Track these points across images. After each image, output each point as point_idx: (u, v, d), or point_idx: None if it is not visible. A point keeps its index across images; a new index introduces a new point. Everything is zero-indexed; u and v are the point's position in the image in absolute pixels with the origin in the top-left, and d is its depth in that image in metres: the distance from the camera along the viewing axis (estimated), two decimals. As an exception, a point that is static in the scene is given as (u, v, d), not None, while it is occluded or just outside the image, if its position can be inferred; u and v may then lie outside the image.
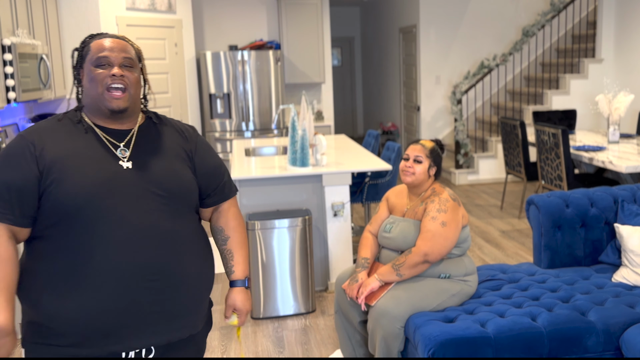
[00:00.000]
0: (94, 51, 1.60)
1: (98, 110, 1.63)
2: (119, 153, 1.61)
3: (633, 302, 2.67)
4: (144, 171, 1.60)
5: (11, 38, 4.12)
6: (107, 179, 1.55)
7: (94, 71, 1.59)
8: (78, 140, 1.60)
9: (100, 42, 1.61)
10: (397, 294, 2.66)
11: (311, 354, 3.35)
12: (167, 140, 1.71)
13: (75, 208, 1.51)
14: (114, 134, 1.64)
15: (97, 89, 1.60)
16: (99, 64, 1.60)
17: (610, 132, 5.47)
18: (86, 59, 1.62)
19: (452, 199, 2.76)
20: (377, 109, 11.16)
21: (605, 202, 3.21)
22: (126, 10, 5.94)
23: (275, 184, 4.03)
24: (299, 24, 7.19)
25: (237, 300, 1.79)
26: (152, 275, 1.55)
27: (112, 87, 1.59)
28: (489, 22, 8.67)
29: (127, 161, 1.60)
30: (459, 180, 7.73)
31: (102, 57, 1.59)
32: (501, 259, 4.81)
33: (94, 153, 1.58)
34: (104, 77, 1.59)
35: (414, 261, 2.66)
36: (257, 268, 3.76)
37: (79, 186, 1.52)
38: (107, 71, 1.59)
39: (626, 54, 7.44)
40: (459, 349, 2.40)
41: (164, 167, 1.64)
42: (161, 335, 1.59)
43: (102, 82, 1.59)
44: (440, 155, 2.91)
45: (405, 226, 2.78)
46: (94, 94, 1.61)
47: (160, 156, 1.66)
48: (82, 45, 1.65)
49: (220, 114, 6.87)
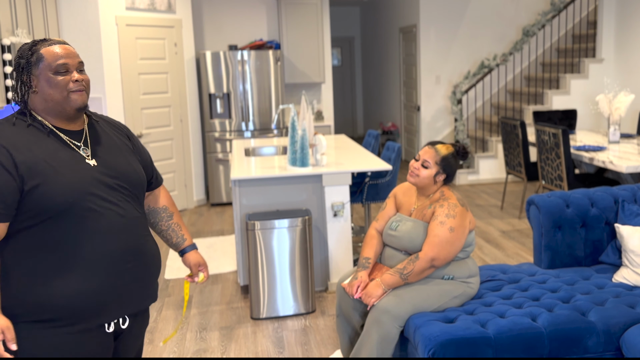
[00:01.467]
0: (50, 59, 1.74)
1: (59, 113, 1.77)
2: (82, 152, 1.79)
3: (633, 303, 2.67)
4: (107, 167, 1.81)
5: (11, 38, 4.11)
6: (83, 178, 1.74)
7: (56, 78, 1.74)
8: (46, 143, 1.74)
9: (54, 50, 1.75)
10: (400, 293, 2.66)
11: (311, 354, 3.35)
12: (113, 137, 1.91)
13: (62, 207, 1.69)
14: (71, 135, 1.80)
15: (61, 94, 1.75)
16: (59, 71, 1.74)
17: (610, 132, 5.47)
18: (40, 66, 1.74)
19: (461, 205, 2.74)
20: (377, 109, 11.16)
21: (605, 202, 3.21)
22: (126, 10, 5.93)
23: (275, 184, 4.02)
24: (299, 24, 7.19)
25: (199, 259, 2.12)
26: (129, 257, 1.81)
27: (74, 90, 1.76)
28: (489, 22, 8.66)
29: (91, 159, 1.80)
30: (459, 180, 7.72)
31: (61, 65, 1.74)
32: (501, 259, 4.80)
33: (64, 154, 1.75)
34: (67, 82, 1.75)
35: (421, 267, 2.66)
36: (257, 268, 3.76)
37: (63, 187, 1.69)
38: (68, 77, 1.75)
39: (626, 53, 7.43)
40: (459, 349, 2.40)
41: (122, 162, 1.86)
42: (135, 306, 1.87)
43: (66, 87, 1.75)
44: (452, 164, 2.79)
45: (412, 226, 2.76)
46: (58, 98, 1.75)
47: (115, 152, 1.87)
48: (30, 52, 1.75)
49: (220, 114, 6.87)
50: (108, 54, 5.79)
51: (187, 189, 6.77)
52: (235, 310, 3.95)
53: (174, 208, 2.12)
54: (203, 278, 2.10)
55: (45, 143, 1.74)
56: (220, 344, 3.49)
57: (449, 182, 2.85)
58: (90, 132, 1.85)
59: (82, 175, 1.74)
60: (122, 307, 1.83)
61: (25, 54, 1.76)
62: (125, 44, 5.95)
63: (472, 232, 2.81)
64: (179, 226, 2.10)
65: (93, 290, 1.74)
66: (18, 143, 1.70)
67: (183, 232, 2.11)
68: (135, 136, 2.04)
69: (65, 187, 1.69)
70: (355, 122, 12.42)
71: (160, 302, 4.12)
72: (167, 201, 2.12)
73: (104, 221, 1.75)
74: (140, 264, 1.85)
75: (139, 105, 6.15)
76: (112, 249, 1.77)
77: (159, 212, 2.11)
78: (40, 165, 1.69)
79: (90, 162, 1.78)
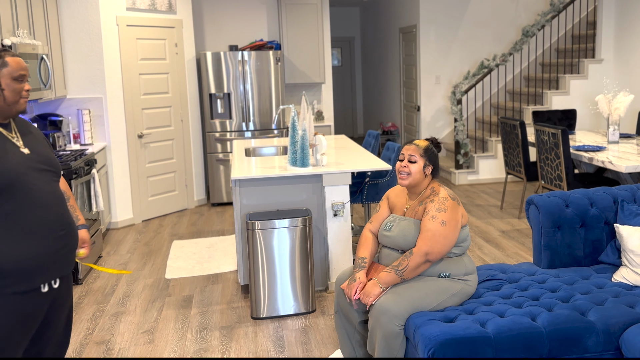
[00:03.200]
0: (15, 67, 2.14)
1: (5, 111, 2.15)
2: (16, 142, 2.17)
3: (633, 302, 2.68)
4: (37, 155, 2.21)
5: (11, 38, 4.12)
6: (20, 162, 2.12)
7: (15, 84, 2.15)
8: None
9: (17, 60, 2.16)
10: (398, 292, 2.67)
11: (311, 353, 3.35)
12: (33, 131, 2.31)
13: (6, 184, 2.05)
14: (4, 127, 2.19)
15: (14, 97, 2.16)
16: (20, 79, 2.16)
17: (610, 132, 5.48)
18: (3, 70, 2.12)
19: (452, 198, 2.76)
20: (377, 109, 11.16)
21: (605, 202, 3.22)
22: (126, 10, 5.94)
23: (275, 184, 4.03)
24: (299, 24, 7.20)
25: (86, 237, 2.50)
26: (62, 226, 2.21)
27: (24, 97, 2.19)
28: (489, 22, 8.67)
29: (24, 148, 2.19)
30: (459, 180, 7.73)
31: (22, 75, 2.16)
32: (501, 258, 4.81)
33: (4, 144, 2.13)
34: (21, 90, 2.17)
35: (416, 262, 2.67)
36: (257, 268, 3.77)
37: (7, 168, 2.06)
38: (23, 85, 2.18)
39: (626, 54, 7.44)
40: (459, 349, 2.41)
41: (46, 151, 2.26)
42: (65, 269, 2.26)
43: (20, 93, 2.17)
44: (435, 153, 2.88)
45: (406, 225, 2.78)
46: (12, 100, 2.15)
47: (39, 143, 2.27)
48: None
49: (220, 114, 6.88)
50: (109, 54, 5.80)
51: (188, 189, 6.78)
52: (236, 310, 3.96)
53: (70, 193, 2.53)
54: (83, 253, 2.47)
55: None
56: (220, 344, 3.50)
57: (437, 175, 2.88)
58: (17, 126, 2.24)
59: (19, 160, 2.12)
60: (56, 270, 2.20)
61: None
62: (126, 44, 5.95)
63: (466, 227, 2.82)
64: (74, 209, 2.51)
65: (36, 253, 2.11)
66: None
67: (77, 214, 2.50)
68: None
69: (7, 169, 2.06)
70: (355, 122, 12.42)
71: (161, 302, 4.13)
72: (65, 187, 2.50)
73: (41, 196, 2.14)
74: (68, 233, 2.24)
75: (139, 106, 6.16)
76: (49, 219, 2.15)
77: None
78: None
79: (24, 151, 2.17)
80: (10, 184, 2.06)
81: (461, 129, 7.49)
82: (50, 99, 4.97)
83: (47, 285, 2.18)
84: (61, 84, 5.44)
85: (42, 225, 2.13)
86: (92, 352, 3.44)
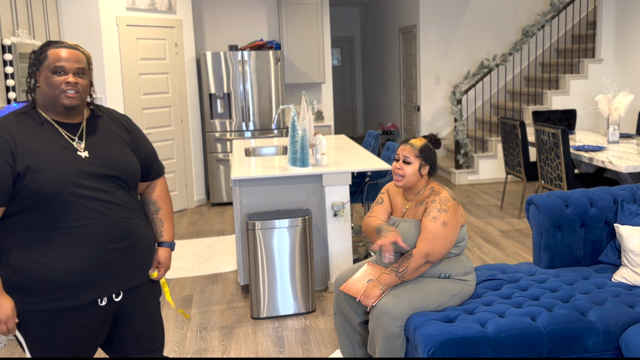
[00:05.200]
0: (52, 59, 1.92)
1: (53, 108, 1.96)
2: (75, 145, 1.96)
3: (633, 302, 2.68)
4: (98, 158, 1.98)
5: (11, 38, 4.12)
6: (70, 168, 1.91)
7: (52, 77, 1.92)
8: (43, 135, 1.93)
9: (58, 52, 1.93)
10: (399, 293, 2.66)
11: (311, 353, 3.35)
12: (112, 130, 2.08)
13: (50, 195, 1.86)
14: (68, 127, 1.98)
15: (54, 92, 1.92)
16: (56, 71, 1.92)
17: (610, 132, 5.48)
18: (44, 64, 1.93)
19: (452, 198, 2.75)
20: (377, 109, 11.16)
21: (605, 202, 3.21)
22: (126, 10, 5.94)
23: (275, 184, 4.03)
24: (299, 24, 7.20)
25: (162, 257, 2.22)
26: (116, 237, 1.97)
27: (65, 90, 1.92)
28: (489, 22, 8.67)
29: (84, 151, 1.97)
30: (459, 180, 7.73)
31: (58, 66, 1.91)
32: (501, 258, 4.81)
33: (57, 146, 1.93)
34: (60, 82, 1.92)
35: (416, 264, 2.65)
36: (257, 268, 3.77)
37: (50, 176, 1.87)
38: (62, 78, 1.92)
39: (626, 54, 7.44)
40: (459, 349, 2.41)
41: (115, 153, 2.03)
42: (125, 282, 2.04)
43: (59, 87, 1.92)
44: (432, 152, 2.81)
45: (405, 227, 2.76)
46: (51, 95, 1.93)
47: (109, 143, 2.04)
48: (40, 50, 1.95)
49: (220, 114, 6.88)
50: (109, 54, 5.80)
51: (188, 189, 6.77)
52: (236, 310, 3.96)
53: (163, 204, 2.25)
54: (155, 275, 2.21)
55: (40, 135, 1.92)
56: (220, 344, 3.50)
57: (434, 174, 2.84)
58: (89, 126, 2.03)
59: (70, 165, 1.91)
60: (111, 284, 1.99)
61: (38, 51, 1.94)
62: (126, 44, 5.95)
63: (464, 227, 2.80)
64: (161, 222, 2.24)
65: (80, 268, 1.91)
66: (16, 135, 1.88)
67: (163, 229, 2.24)
68: (137, 128, 2.18)
69: (52, 176, 1.87)
70: (355, 122, 12.42)
71: (161, 302, 4.13)
72: (159, 196, 2.24)
73: (90, 206, 1.92)
74: (129, 246, 2.01)
75: (139, 106, 6.16)
76: (97, 231, 1.93)
77: (149, 204, 2.25)
78: (33, 155, 1.87)
79: (82, 154, 1.96)
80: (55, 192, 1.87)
81: (461, 129, 7.49)
82: (50, 99, 4.98)
83: (106, 299, 2.00)
84: (61, 84, 5.44)
85: (89, 237, 1.92)
86: (92, 352, 3.44)
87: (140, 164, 2.13)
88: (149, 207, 2.25)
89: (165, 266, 2.23)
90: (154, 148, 2.24)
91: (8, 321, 1.87)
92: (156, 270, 2.22)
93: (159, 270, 2.22)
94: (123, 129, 2.12)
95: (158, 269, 2.22)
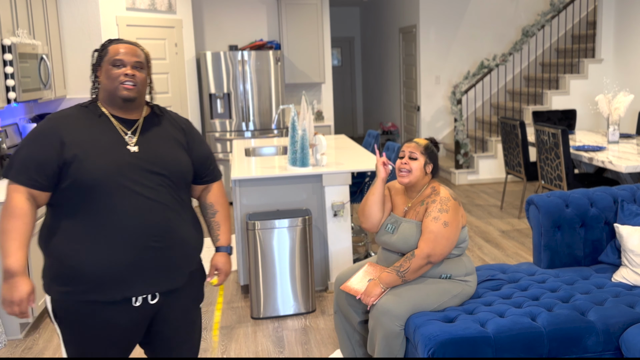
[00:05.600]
0: (112, 54, 1.99)
1: (112, 101, 2.00)
2: (127, 139, 1.98)
3: (633, 302, 2.68)
4: (147, 153, 1.98)
5: (11, 38, 4.12)
6: (118, 160, 1.93)
7: (111, 70, 1.98)
8: (96, 127, 1.97)
9: (117, 47, 2.00)
10: (399, 293, 2.66)
11: (311, 354, 3.35)
12: (167, 130, 2.09)
13: (93, 183, 1.88)
14: (124, 122, 2.02)
15: (113, 84, 1.97)
16: (115, 64, 1.98)
17: (610, 132, 5.48)
18: (104, 59, 2.00)
19: (453, 198, 2.74)
20: (377, 109, 11.16)
21: (605, 202, 3.21)
22: (126, 10, 5.94)
23: (275, 184, 4.03)
24: (299, 24, 7.20)
25: (219, 262, 2.20)
26: (155, 236, 1.94)
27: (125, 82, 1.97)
28: (489, 22, 8.67)
29: (134, 146, 1.98)
30: (459, 180, 7.73)
31: (117, 60, 1.98)
32: (501, 258, 4.81)
33: (107, 138, 1.96)
34: (119, 75, 1.97)
35: (417, 265, 2.65)
36: (257, 268, 3.77)
37: (98, 165, 1.89)
38: (121, 70, 1.97)
39: (626, 54, 7.44)
40: (459, 349, 2.41)
41: (165, 151, 2.02)
42: (162, 284, 1.99)
43: (117, 79, 1.97)
44: (435, 152, 2.84)
45: (407, 228, 2.74)
46: (111, 88, 1.98)
47: (162, 142, 2.04)
48: (102, 47, 2.03)
49: (220, 114, 6.88)
50: (108, 54, 5.80)
51: (187, 189, 6.77)
52: (236, 310, 3.96)
53: (220, 207, 2.22)
54: (214, 282, 2.17)
55: (95, 127, 1.97)
56: (220, 344, 3.49)
57: (437, 174, 2.84)
58: (145, 123, 2.05)
59: (118, 158, 1.93)
60: (146, 284, 1.95)
61: (100, 49, 2.03)
62: (126, 44, 5.95)
63: (465, 228, 2.79)
64: (218, 225, 2.22)
65: (116, 262, 1.90)
66: (71, 124, 1.94)
67: (219, 233, 2.21)
68: (196, 131, 2.20)
69: (97, 166, 1.89)
70: (355, 122, 12.42)
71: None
72: (216, 199, 2.22)
73: (132, 201, 1.91)
74: (168, 247, 1.97)
75: (139, 105, 6.15)
76: (136, 227, 1.91)
77: (206, 207, 2.25)
78: (82, 145, 1.91)
79: (132, 148, 1.97)
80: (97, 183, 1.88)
81: (461, 129, 7.49)
82: (50, 99, 4.97)
83: (141, 300, 1.97)
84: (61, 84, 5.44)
85: (126, 233, 1.90)
86: (92, 352, 3.44)
87: (195, 166, 2.12)
88: (206, 211, 2.24)
89: (224, 272, 2.20)
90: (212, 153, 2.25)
91: (21, 303, 1.85)
92: (215, 277, 2.18)
93: (219, 277, 2.19)
94: (179, 130, 2.12)
95: (217, 275, 2.18)
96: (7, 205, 1.88)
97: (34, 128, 1.97)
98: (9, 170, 1.92)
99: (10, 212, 1.86)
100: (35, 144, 1.91)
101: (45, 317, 3.89)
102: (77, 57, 5.71)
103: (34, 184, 1.89)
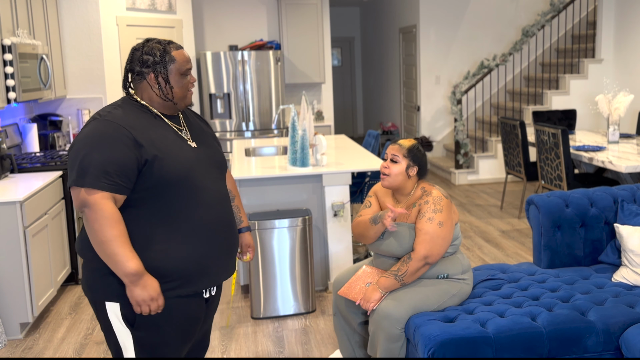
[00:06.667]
0: (181, 62, 2.00)
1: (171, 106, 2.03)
2: (184, 135, 2.04)
3: (633, 302, 2.68)
4: (205, 148, 2.07)
5: (11, 38, 4.12)
6: (190, 157, 1.99)
7: (184, 79, 2.02)
8: (157, 127, 1.98)
9: (183, 54, 2.02)
10: (399, 296, 2.65)
11: (311, 353, 3.35)
12: (200, 125, 2.17)
13: (176, 180, 1.91)
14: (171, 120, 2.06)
15: (183, 92, 2.02)
16: (186, 73, 2.02)
17: (610, 132, 5.48)
18: (170, 65, 1.98)
19: (445, 197, 2.71)
20: (377, 109, 11.17)
21: (605, 202, 3.21)
22: (126, 10, 5.94)
23: (275, 184, 4.03)
24: (299, 24, 7.20)
25: (249, 240, 2.34)
26: (224, 227, 2.04)
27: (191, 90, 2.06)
28: (489, 22, 8.67)
29: (192, 142, 2.05)
30: (459, 180, 7.73)
31: (188, 69, 2.03)
32: (501, 258, 4.81)
33: (173, 137, 2.00)
34: (189, 83, 2.04)
35: (415, 267, 2.63)
36: (257, 268, 3.77)
37: (177, 163, 1.93)
38: (190, 79, 2.04)
39: (626, 54, 7.44)
40: (458, 349, 2.41)
41: (212, 146, 2.12)
42: (225, 274, 2.09)
43: (188, 87, 2.04)
44: (421, 153, 2.76)
45: (399, 230, 2.71)
46: (181, 95, 2.02)
47: (205, 137, 2.13)
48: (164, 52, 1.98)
49: (220, 114, 6.88)
50: (109, 54, 5.80)
51: (188, 189, 6.77)
52: (236, 310, 3.96)
53: (236, 192, 2.34)
54: (248, 258, 2.33)
55: (155, 126, 1.97)
56: (220, 344, 3.50)
57: (424, 176, 2.79)
58: (184, 119, 2.12)
59: (188, 155, 1.98)
60: (217, 275, 2.05)
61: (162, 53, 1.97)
62: (126, 44, 5.95)
63: (457, 225, 2.77)
64: (238, 209, 2.32)
65: (200, 256, 1.96)
66: (134, 124, 1.92)
67: (241, 215, 2.33)
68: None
69: (177, 163, 1.92)
70: (355, 122, 12.42)
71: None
72: (232, 186, 2.32)
73: (207, 195, 1.98)
74: (230, 236, 2.08)
75: (139, 106, 6.15)
76: (213, 220, 1.99)
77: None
78: (155, 144, 1.91)
79: (192, 144, 2.03)
80: (179, 179, 1.92)
81: (461, 129, 7.49)
82: (50, 99, 4.97)
83: (208, 291, 2.06)
84: (61, 84, 5.44)
85: (206, 226, 1.97)
86: (92, 352, 3.44)
87: None
88: None
89: (253, 248, 2.35)
90: None
91: (159, 298, 1.88)
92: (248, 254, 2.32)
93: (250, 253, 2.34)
94: (204, 123, 2.22)
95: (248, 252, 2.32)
96: (102, 213, 1.83)
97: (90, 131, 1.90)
98: (81, 178, 1.84)
99: (108, 219, 1.83)
100: (108, 147, 1.86)
101: (45, 317, 3.89)
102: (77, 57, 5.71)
103: (117, 187, 1.86)
